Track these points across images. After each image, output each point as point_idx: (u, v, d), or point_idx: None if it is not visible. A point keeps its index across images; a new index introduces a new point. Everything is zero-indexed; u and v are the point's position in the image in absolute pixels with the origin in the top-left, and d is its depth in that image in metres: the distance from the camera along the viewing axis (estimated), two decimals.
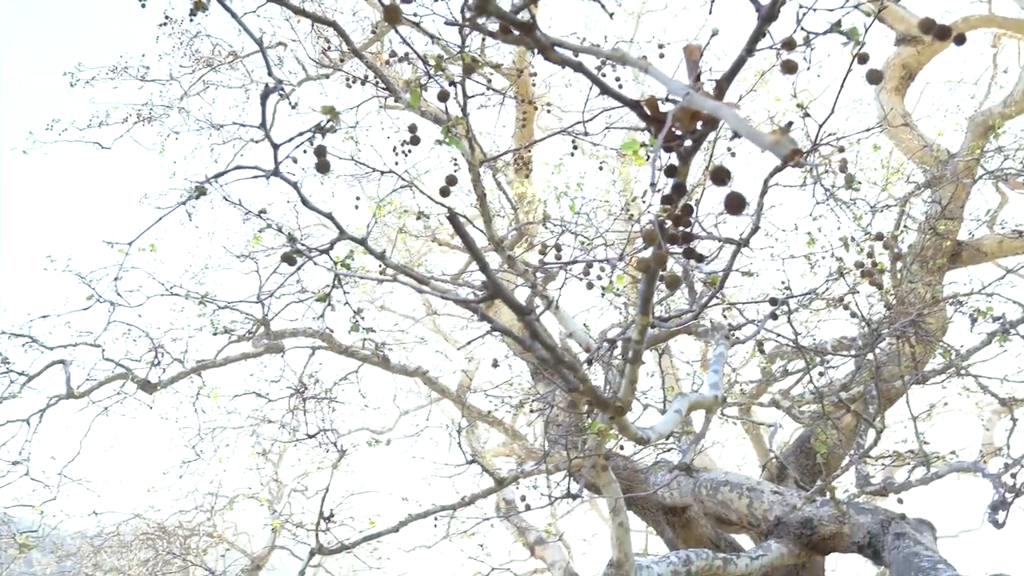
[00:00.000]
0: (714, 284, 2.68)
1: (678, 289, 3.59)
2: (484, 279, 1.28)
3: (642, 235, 1.28)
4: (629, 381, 1.51)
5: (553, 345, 1.34)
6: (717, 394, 2.18)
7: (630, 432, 1.67)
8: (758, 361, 7.39)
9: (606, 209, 7.01)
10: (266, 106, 1.54)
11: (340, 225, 1.76)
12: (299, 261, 2.12)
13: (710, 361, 2.54)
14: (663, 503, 7.21)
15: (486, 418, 8.90)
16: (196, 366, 7.73)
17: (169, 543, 13.40)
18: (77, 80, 9.16)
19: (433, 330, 11.99)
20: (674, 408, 1.93)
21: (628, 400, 1.52)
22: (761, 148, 0.80)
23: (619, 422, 1.57)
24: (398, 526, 4.19)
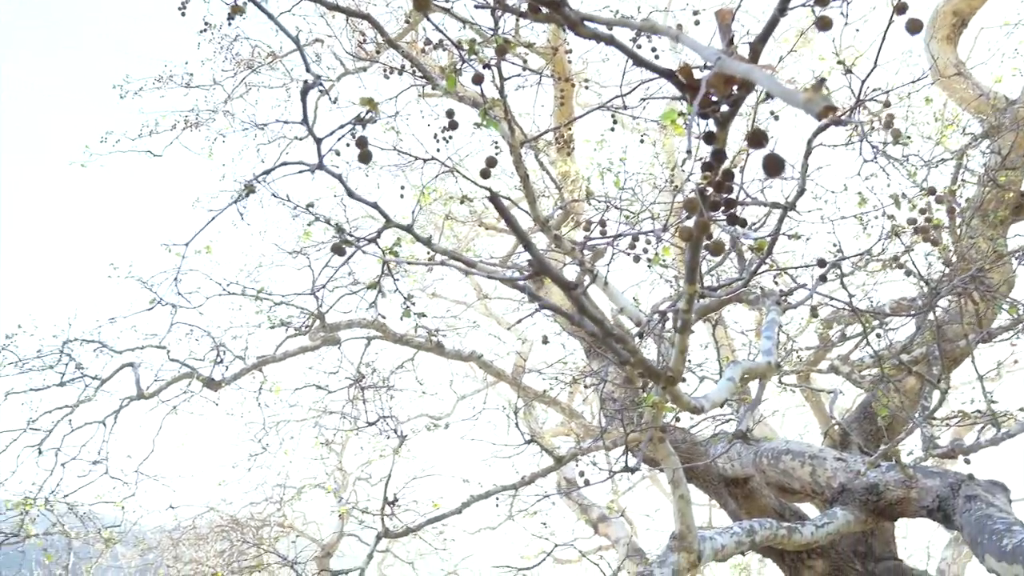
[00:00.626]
0: (762, 250, 2.63)
1: (723, 256, 3.55)
2: (529, 257, 1.30)
3: (684, 204, 1.28)
4: (679, 351, 1.51)
5: (601, 319, 1.36)
6: (771, 360, 2.16)
7: (683, 402, 1.67)
8: (815, 327, 7.26)
9: (651, 182, 6.94)
10: (306, 102, 1.58)
11: (385, 213, 1.80)
12: (348, 251, 2.17)
13: (763, 328, 2.51)
14: (724, 475, 7.16)
15: (542, 398, 8.94)
16: (257, 362, 7.94)
17: (242, 534, 13.85)
18: (126, 92, 9.44)
19: (485, 314, 12.07)
20: (727, 376, 1.92)
21: (679, 370, 1.52)
22: (795, 107, 0.80)
23: (671, 392, 1.57)
24: (460, 508, 4.26)
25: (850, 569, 5.82)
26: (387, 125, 7.61)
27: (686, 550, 4.11)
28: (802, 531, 5.04)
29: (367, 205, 1.70)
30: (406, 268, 9.10)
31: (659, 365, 1.58)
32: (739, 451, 6.73)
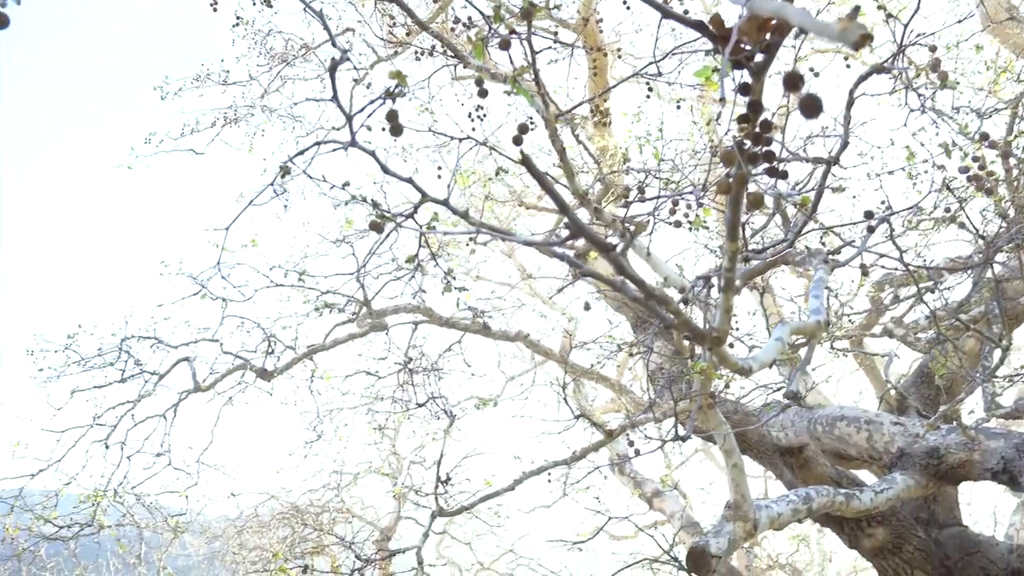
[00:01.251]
0: (806, 206, 2.56)
1: (767, 220, 3.47)
2: (567, 221, 1.28)
3: (721, 157, 1.25)
4: (724, 310, 1.49)
5: (642, 280, 1.34)
6: (820, 319, 2.11)
7: (730, 363, 1.64)
8: (866, 291, 7.08)
9: (690, 151, 6.82)
10: (335, 78, 1.58)
11: (421, 188, 1.80)
12: (386, 228, 2.18)
13: (811, 287, 2.44)
14: (778, 444, 7.07)
15: (590, 374, 8.92)
16: (307, 351, 8.08)
17: (303, 521, 14.19)
18: (166, 93, 9.62)
19: (530, 294, 12.07)
20: (776, 336, 1.88)
21: (724, 329, 1.49)
22: (830, 39, 0.77)
23: (718, 353, 1.55)
24: (513, 484, 4.28)
25: (912, 536, 5.69)
26: (421, 107, 7.62)
27: (741, 519, 4.07)
28: (860, 497, 4.95)
29: (401, 180, 1.70)
30: (449, 252, 9.14)
31: (705, 327, 1.55)
32: (792, 420, 6.62)
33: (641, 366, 12.08)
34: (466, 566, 20.47)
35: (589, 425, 5.48)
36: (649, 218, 3.83)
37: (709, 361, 2.10)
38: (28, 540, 8.14)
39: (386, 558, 3.94)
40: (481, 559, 20.27)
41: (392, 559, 6.61)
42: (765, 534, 17.75)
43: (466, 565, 20.47)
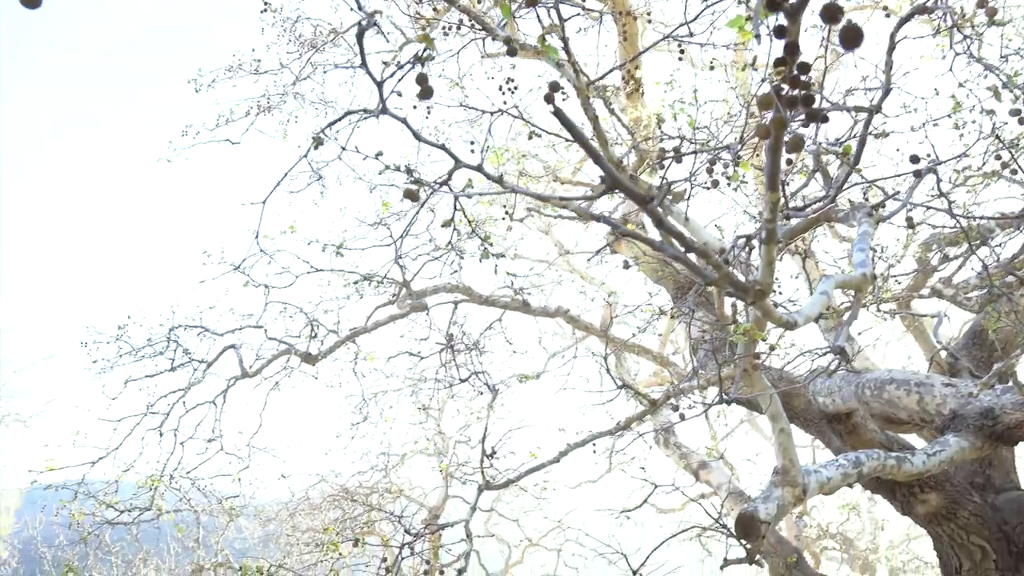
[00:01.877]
0: (847, 155, 2.48)
1: (808, 178, 3.38)
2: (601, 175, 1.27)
3: (758, 102, 1.22)
4: (766, 263, 1.46)
5: (681, 232, 1.32)
6: (865, 272, 2.05)
7: (774, 316, 1.61)
8: (912, 251, 6.90)
9: (725, 115, 6.69)
10: (363, 44, 1.58)
11: (454, 155, 1.79)
12: (421, 196, 2.18)
13: (855, 241, 2.38)
14: (825, 411, 6.96)
15: (632, 348, 8.89)
16: (350, 334, 8.18)
17: (353, 502, 14.45)
18: (200, 85, 9.74)
19: (568, 270, 12.04)
20: (820, 290, 1.84)
21: (767, 282, 1.47)
22: None
23: (761, 307, 1.52)
24: (558, 456, 4.29)
25: (967, 501, 5.57)
26: (452, 83, 7.60)
27: (790, 484, 4.03)
28: (912, 460, 4.85)
29: (434, 147, 1.70)
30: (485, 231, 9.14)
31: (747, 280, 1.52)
32: (839, 385, 6.52)
33: (683, 338, 12.00)
34: (514, 542, 20.68)
35: (632, 396, 5.46)
36: (686, 184, 3.77)
37: (752, 317, 2.06)
38: (92, 525, 8.42)
39: (435, 532, 4.00)
40: (529, 535, 20.46)
41: (441, 534, 6.70)
42: (815, 504, 17.56)
43: (514, 541, 20.69)
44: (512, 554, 20.66)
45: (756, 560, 4.29)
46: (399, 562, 3.67)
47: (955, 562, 5.56)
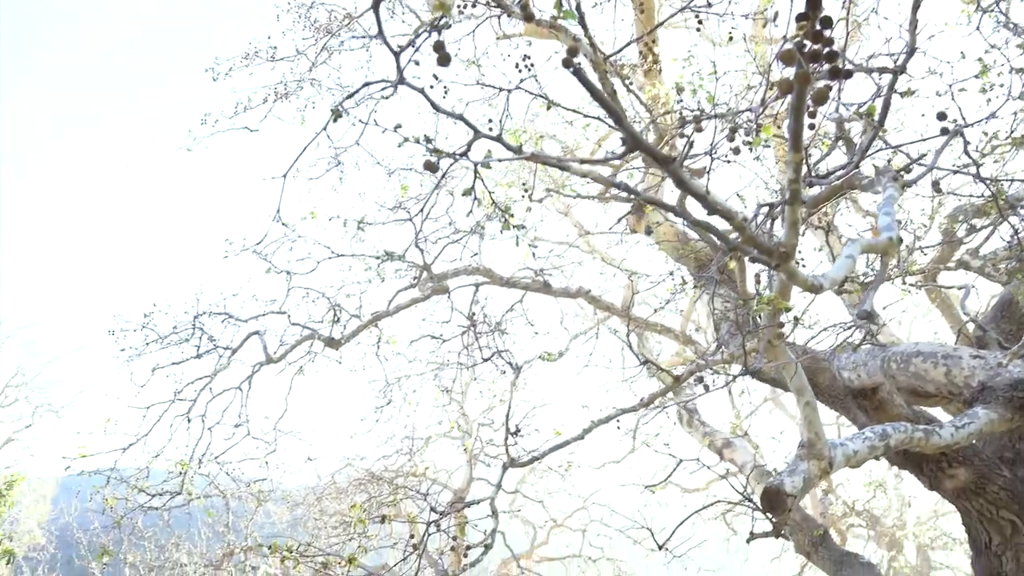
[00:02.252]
0: (872, 115, 2.43)
1: (830, 147, 3.33)
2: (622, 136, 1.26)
3: (780, 56, 1.20)
4: (790, 224, 1.44)
5: (704, 194, 1.31)
6: (891, 236, 2.02)
7: (799, 279, 1.59)
8: (938, 223, 6.80)
9: (744, 86, 6.61)
10: (379, 15, 1.58)
11: (473, 125, 1.79)
12: (440, 167, 2.18)
13: (880, 205, 2.34)
14: (851, 386, 6.89)
15: (653, 326, 8.86)
16: (372, 318, 8.22)
17: (379, 486, 14.60)
18: (218, 74, 9.79)
19: (588, 251, 12.01)
20: (846, 254, 1.81)
21: (792, 244, 1.45)
22: None
23: (786, 269, 1.51)
24: (583, 433, 4.30)
25: (997, 476, 5.51)
26: (469, 62, 7.56)
27: (816, 457, 4.00)
28: (940, 433, 4.80)
29: (452, 117, 1.70)
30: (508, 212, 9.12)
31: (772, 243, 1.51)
32: (864, 359, 6.46)
33: (704, 317, 11.94)
34: (539, 523, 20.82)
35: (655, 372, 5.45)
36: (707, 158, 3.73)
37: (777, 285, 2.04)
38: (125, 511, 8.57)
39: (460, 509, 4.04)
40: (554, 516, 20.58)
41: (467, 512, 6.74)
42: (840, 482, 17.46)
43: (539, 522, 20.83)
44: (537, 535, 20.82)
45: (782, 533, 4.28)
46: (426, 539, 3.70)
47: (984, 537, 5.50)
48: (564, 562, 21.26)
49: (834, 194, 2.89)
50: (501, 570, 20.11)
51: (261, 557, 16.29)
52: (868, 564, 9.71)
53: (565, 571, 21.39)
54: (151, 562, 16.34)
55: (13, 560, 6.75)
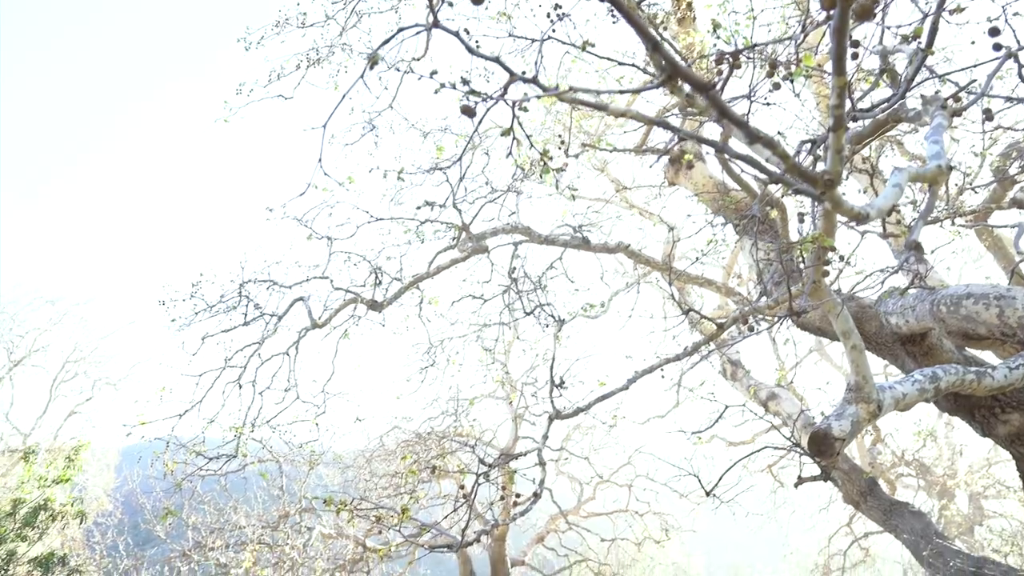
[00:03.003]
0: (918, 37, 2.34)
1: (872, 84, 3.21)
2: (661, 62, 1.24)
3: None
4: (834, 151, 1.41)
5: (744, 121, 1.29)
6: (940, 163, 1.95)
7: (844, 208, 1.57)
8: (990, 163, 6.58)
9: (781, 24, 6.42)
10: None
11: (509, 68, 1.78)
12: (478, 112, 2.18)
13: (927, 134, 2.26)
14: (899, 332, 6.77)
15: (695, 279, 8.79)
16: (413, 280, 8.30)
17: (426, 446, 14.88)
18: (249, 43, 9.83)
19: (626, 207, 11.91)
20: (893, 183, 1.77)
21: (836, 171, 1.43)
22: None
23: (830, 197, 1.48)
24: (627, 384, 4.32)
25: None
26: (499, 14, 7.47)
27: (864, 401, 3.97)
28: (993, 374, 4.72)
29: (488, 60, 1.69)
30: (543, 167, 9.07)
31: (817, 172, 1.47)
32: (913, 304, 6.33)
33: (746, 269, 11.80)
34: (585, 479, 21.07)
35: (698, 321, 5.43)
36: (746, 100, 3.66)
37: (821, 218, 2.01)
38: (184, 475, 8.88)
39: (508, 461, 4.10)
40: (600, 472, 20.80)
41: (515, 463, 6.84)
42: (889, 432, 17.21)
43: (585, 479, 21.07)
44: (584, 491, 21.08)
45: (830, 477, 4.27)
46: (475, 490, 3.78)
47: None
48: (611, 517, 21.52)
49: (879, 129, 2.81)
50: (549, 526, 20.44)
51: (315, 517, 16.80)
52: (918, 513, 9.63)
53: (612, 526, 21.66)
54: (211, 524, 16.97)
55: (85, 520, 7.09)
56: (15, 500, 6.79)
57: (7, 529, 6.54)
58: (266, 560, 16.08)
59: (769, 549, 28.04)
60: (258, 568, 15.89)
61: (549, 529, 20.66)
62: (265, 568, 15.90)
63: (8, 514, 6.64)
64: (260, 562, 16.06)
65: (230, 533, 16.72)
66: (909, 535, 9.32)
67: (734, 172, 6.94)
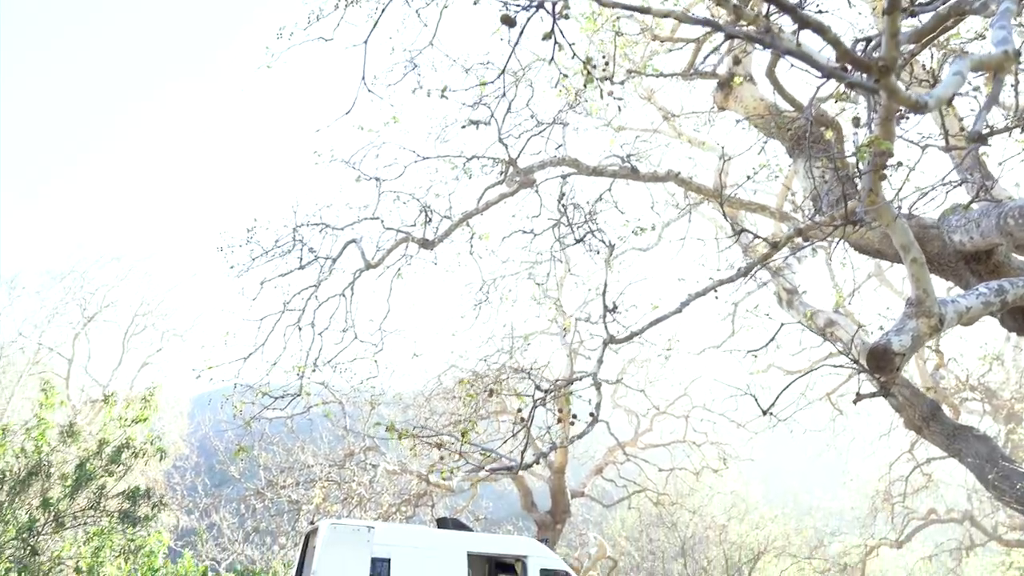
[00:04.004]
0: None
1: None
2: None
3: None
4: (889, 35, 1.36)
5: (794, 6, 1.26)
6: (1007, 49, 1.85)
7: (901, 97, 1.51)
8: None
9: None
10: None
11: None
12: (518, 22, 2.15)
13: (992, 20, 2.14)
14: (963, 250, 6.55)
15: (749, 205, 8.62)
16: (463, 216, 8.34)
17: (483, 383, 15.15)
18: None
19: (674, 135, 11.65)
20: (954, 71, 1.68)
21: (892, 57, 1.38)
22: None
23: (886, 85, 1.43)
24: (680, 307, 4.30)
25: None
26: None
27: (925, 315, 3.89)
28: None
29: None
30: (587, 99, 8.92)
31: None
32: (977, 219, 6.10)
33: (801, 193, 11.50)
34: (642, 411, 21.25)
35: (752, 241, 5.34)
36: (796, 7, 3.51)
37: (880, 117, 1.94)
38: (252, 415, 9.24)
39: (565, 386, 4.16)
40: (656, 404, 20.94)
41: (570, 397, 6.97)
42: (953, 356, 16.81)
43: (642, 411, 21.25)
44: (640, 423, 21.27)
45: (889, 393, 4.23)
46: (532, 413, 3.86)
47: None
48: (668, 448, 21.72)
49: (940, 25, 2.66)
50: (607, 458, 20.76)
51: (379, 455, 17.37)
52: (983, 436, 9.46)
53: (670, 456, 21.88)
54: (281, 464, 17.72)
55: (164, 457, 7.52)
56: (100, 440, 7.22)
57: (96, 467, 6.98)
58: (335, 496, 16.77)
59: (828, 476, 28.03)
60: (328, 504, 16.60)
61: (607, 461, 20.98)
62: (334, 504, 16.60)
63: (95, 453, 7.08)
64: (329, 498, 16.77)
65: (299, 472, 17.45)
66: (974, 459, 9.19)
67: (786, 91, 6.71)
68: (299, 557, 11.09)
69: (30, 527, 6.64)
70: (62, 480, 7.01)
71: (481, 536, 12.59)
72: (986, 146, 3.43)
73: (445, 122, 9.15)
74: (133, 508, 7.02)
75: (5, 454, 7.01)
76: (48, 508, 6.78)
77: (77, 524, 7.00)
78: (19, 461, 6.95)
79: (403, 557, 10.07)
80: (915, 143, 5.69)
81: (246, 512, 18.60)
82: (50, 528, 6.80)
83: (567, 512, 18.75)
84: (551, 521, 18.35)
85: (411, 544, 10.43)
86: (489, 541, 12.56)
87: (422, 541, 10.72)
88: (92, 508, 7.01)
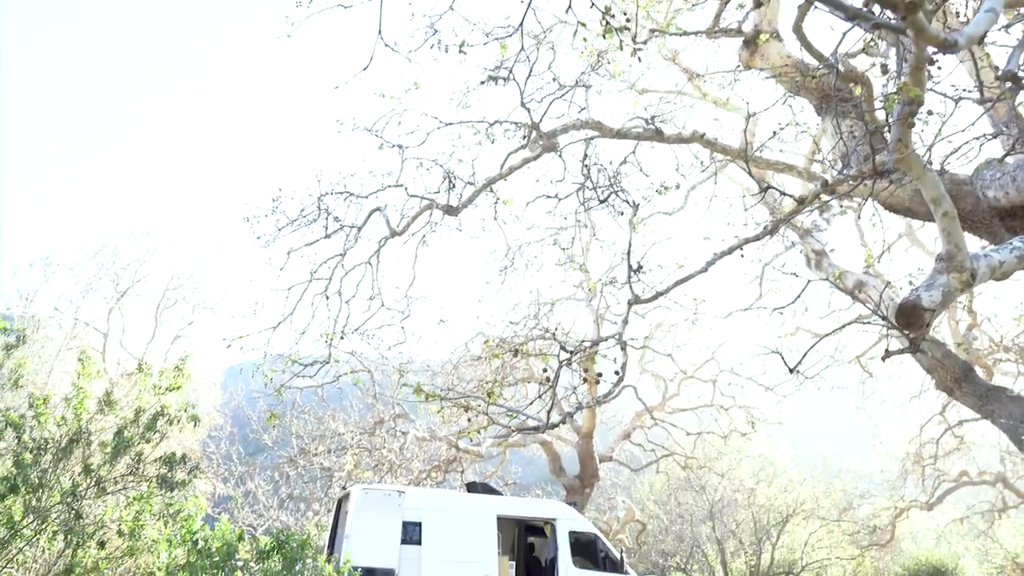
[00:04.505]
0: None
1: None
2: None
3: None
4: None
5: None
6: None
7: (928, 35, 1.47)
8: None
9: None
10: None
11: None
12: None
13: None
14: (997, 206, 6.41)
15: (776, 166, 8.49)
16: (486, 182, 8.33)
17: (508, 347, 15.22)
18: None
19: (699, 97, 11.47)
20: (986, 7, 1.63)
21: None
22: None
23: (914, 24, 1.40)
24: (706, 266, 4.28)
25: None
26: None
27: (956, 270, 3.83)
28: None
29: None
30: (610, 59, 8.80)
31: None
32: (1013, 173, 5.96)
33: (830, 151, 11.29)
34: (669, 376, 21.23)
35: (778, 201, 5.28)
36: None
37: (910, 67, 1.89)
38: (282, 382, 9.39)
39: (591, 347, 4.17)
40: (683, 368, 20.91)
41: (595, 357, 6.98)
42: (986, 317, 16.52)
43: (669, 375, 21.23)
44: (668, 388, 21.28)
45: (920, 349, 4.18)
46: (558, 373, 3.89)
47: None
48: (696, 412, 21.73)
49: None
50: (635, 422, 20.84)
51: (409, 422, 17.60)
52: (1018, 397, 9.32)
53: (698, 420, 21.90)
54: (313, 432, 18.04)
55: (198, 424, 7.71)
56: (137, 408, 7.42)
57: (133, 434, 7.18)
58: (366, 463, 17.07)
59: (858, 439, 27.88)
60: (359, 470, 16.90)
61: (635, 425, 21.06)
62: (366, 470, 16.90)
63: (132, 421, 7.27)
64: (360, 465, 17.07)
65: (331, 440, 17.76)
66: (1007, 420, 9.07)
67: (813, 47, 6.56)
68: (332, 522, 11.35)
69: (73, 492, 6.86)
70: (102, 447, 7.23)
71: (510, 500, 12.77)
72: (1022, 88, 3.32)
73: (467, 87, 9.10)
74: (170, 473, 7.23)
75: (47, 423, 7.22)
76: (89, 474, 7.00)
77: (118, 489, 7.22)
78: (60, 430, 7.17)
79: (434, 520, 10.26)
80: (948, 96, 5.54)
81: (280, 479, 19.01)
82: (92, 493, 7.03)
83: (595, 476, 18.90)
84: (579, 485, 18.52)
85: (441, 508, 10.63)
86: (518, 505, 12.73)
87: (452, 505, 10.90)
88: (131, 474, 7.23)
